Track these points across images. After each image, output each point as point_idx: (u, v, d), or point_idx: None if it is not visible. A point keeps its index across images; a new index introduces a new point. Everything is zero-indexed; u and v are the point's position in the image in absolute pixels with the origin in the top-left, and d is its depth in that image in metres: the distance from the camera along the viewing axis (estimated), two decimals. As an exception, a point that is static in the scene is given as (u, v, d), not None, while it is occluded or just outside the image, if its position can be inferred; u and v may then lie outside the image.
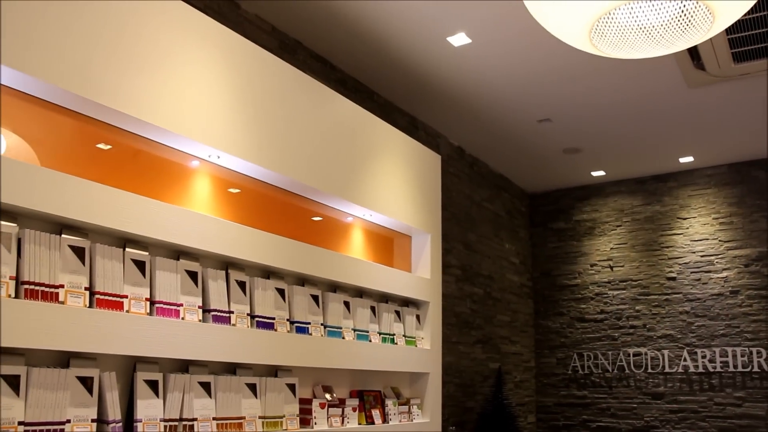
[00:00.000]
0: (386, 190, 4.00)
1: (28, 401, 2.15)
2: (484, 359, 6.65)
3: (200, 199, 3.03)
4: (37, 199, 2.21)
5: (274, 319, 3.10)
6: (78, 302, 2.32)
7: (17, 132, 2.37)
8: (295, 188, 3.44)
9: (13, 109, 2.37)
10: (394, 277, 3.99)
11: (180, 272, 2.71)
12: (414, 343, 4.12)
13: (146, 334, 2.46)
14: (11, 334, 2.08)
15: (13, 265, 2.18)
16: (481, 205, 6.93)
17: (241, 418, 2.86)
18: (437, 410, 4.29)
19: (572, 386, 7.69)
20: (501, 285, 7.21)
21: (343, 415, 3.46)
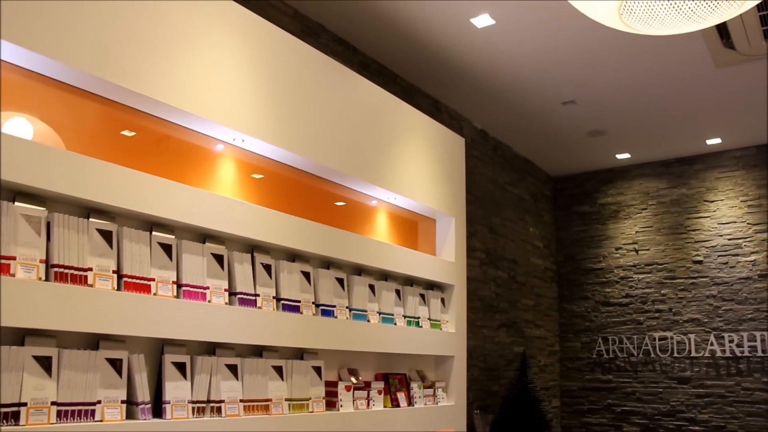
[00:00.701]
0: (410, 173, 3.98)
1: (60, 382, 2.18)
2: (509, 343, 6.63)
3: (225, 182, 3.03)
4: (65, 183, 2.23)
5: (300, 302, 3.11)
6: (106, 285, 2.34)
7: (43, 117, 2.39)
8: (319, 171, 3.43)
9: (39, 94, 2.39)
10: (419, 261, 3.98)
11: (206, 255, 2.72)
12: (439, 327, 4.12)
13: (173, 317, 2.48)
14: (42, 316, 2.10)
15: (43, 249, 2.20)
16: (504, 188, 6.89)
17: (267, 401, 2.88)
18: (462, 393, 4.29)
19: (597, 370, 7.65)
20: (525, 269, 7.17)
21: (368, 397, 3.47)
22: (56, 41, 2.23)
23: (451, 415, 4.12)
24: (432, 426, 3.95)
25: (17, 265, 2.12)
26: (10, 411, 2.04)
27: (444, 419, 4.05)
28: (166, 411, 2.47)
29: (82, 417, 2.21)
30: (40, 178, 2.16)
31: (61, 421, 2.15)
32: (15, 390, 2.07)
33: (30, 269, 2.14)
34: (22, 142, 2.15)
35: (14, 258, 2.12)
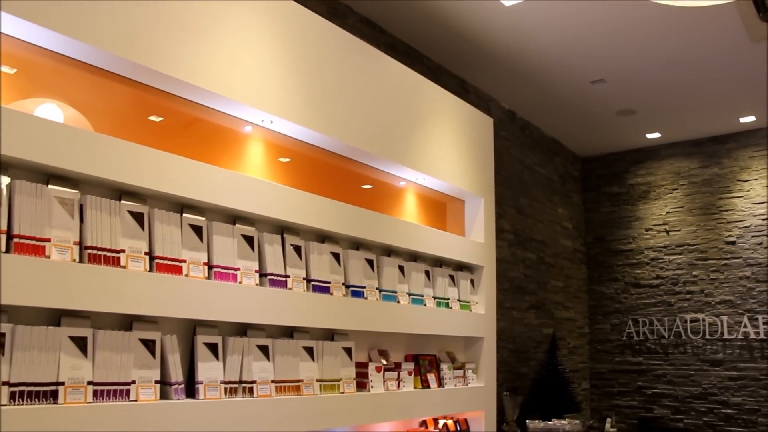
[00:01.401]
0: (439, 153, 3.96)
1: (95, 362, 2.20)
2: (538, 325, 6.60)
3: (254, 164, 3.03)
4: (97, 166, 2.24)
5: (330, 283, 3.11)
6: (138, 267, 2.35)
7: (72, 102, 2.40)
8: (347, 153, 3.42)
9: (68, 78, 2.40)
10: (448, 242, 3.96)
11: (236, 237, 2.73)
12: (468, 308, 4.10)
13: (205, 298, 2.49)
14: (77, 297, 2.12)
15: (77, 231, 2.22)
16: (533, 169, 6.83)
17: (299, 381, 2.89)
18: (492, 375, 4.27)
19: (627, 353, 7.59)
20: (554, 250, 7.12)
21: (398, 378, 3.47)
22: (84, 23, 2.24)
23: (481, 396, 4.11)
24: (462, 407, 3.95)
25: (52, 247, 2.14)
26: (49, 390, 2.07)
27: (474, 400, 4.05)
28: (199, 391, 2.49)
29: (117, 396, 2.24)
30: (72, 160, 2.18)
31: (97, 400, 2.18)
32: (52, 369, 2.09)
33: (64, 251, 2.16)
34: (55, 126, 2.16)
35: (49, 240, 2.13)
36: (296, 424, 2.81)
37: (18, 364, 2.02)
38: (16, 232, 2.06)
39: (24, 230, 2.08)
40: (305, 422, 2.85)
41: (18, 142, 2.05)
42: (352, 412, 3.09)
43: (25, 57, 2.27)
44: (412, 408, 3.51)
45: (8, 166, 2.12)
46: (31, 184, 2.14)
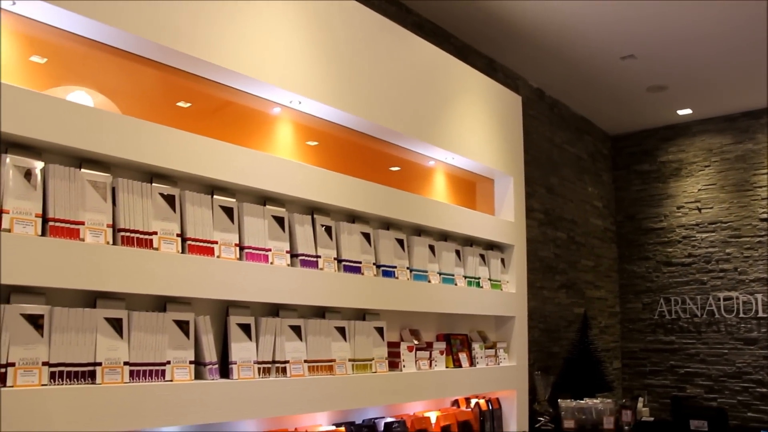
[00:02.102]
0: (467, 132, 3.93)
1: (131, 343, 2.23)
2: (569, 304, 6.56)
3: (283, 146, 3.03)
4: (128, 149, 2.25)
5: (361, 263, 3.11)
6: (171, 248, 2.37)
7: (100, 87, 2.41)
8: (376, 133, 3.41)
9: (96, 64, 2.41)
10: (478, 221, 3.94)
11: (267, 218, 2.73)
12: (499, 287, 4.08)
13: (237, 279, 2.50)
14: (111, 279, 2.14)
15: (109, 213, 2.24)
16: (562, 148, 6.76)
17: (331, 361, 2.90)
18: (524, 354, 4.25)
19: (659, 331, 7.52)
20: (584, 229, 7.05)
21: (430, 358, 3.47)
22: (111, 7, 2.24)
23: (513, 375, 4.10)
24: (494, 387, 3.94)
25: (86, 230, 2.16)
26: (87, 370, 2.10)
27: (506, 380, 4.04)
28: (233, 371, 2.51)
29: (153, 377, 2.26)
30: (104, 144, 2.19)
31: (133, 380, 2.20)
32: (90, 350, 2.12)
33: (98, 234, 2.18)
34: (87, 110, 2.18)
35: (83, 223, 2.15)
36: (329, 403, 2.82)
37: (56, 345, 2.05)
38: (51, 216, 2.09)
39: (59, 214, 2.10)
40: (338, 401, 2.86)
41: (51, 126, 2.06)
42: (384, 392, 3.10)
43: (55, 44, 2.29)
44: (444, 387, 3.51)
45: (42, 150, 2.14)
46: (65, 168, 2.16)
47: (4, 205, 1.99)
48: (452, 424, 3.59)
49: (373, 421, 3.19)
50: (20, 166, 2.05)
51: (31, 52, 2.24)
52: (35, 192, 2.07)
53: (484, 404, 3.91)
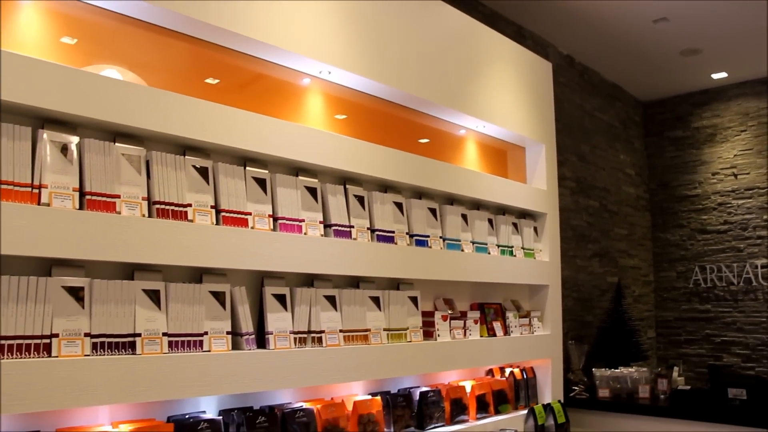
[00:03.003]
0: (498, 100, 3.88)
1: (169, 314, 2.25)
2: (602, 273, 6.50)
3: (313, 116, 3.02)
4: (161, 122, 2.26)
5: (394, 233, 3.10)
6: (205, 220, 2.38)
7: (130, 65, 2.41)
8: (406, 102, 3.38)
9: (125, 41, 2.42)
10: (511, 189, 3.91)
11: (300, 188, 2.74)
12: (533, 256, 4.05)
13: (271, 250, 2.51)
14: (148, 251, 2.16)
15: (144, 186, 2.25)
16: (593, 115, 6.66)
17: (366, 331, 2.91)
18: (558, 323, 4.24)
19: (694, 300, 7.42)
20: (617, 197, 6.96)
21: (465, 327, 3.46)
22: (143, -21, 2.24)
23: (547, 344, 4.09)
24: (528, 355, 3.94)
25: (122, 203, 2.18)
26: (127, 341, 2.13)
27: (540, 348, 4.02)
28: (269, 341, 2.53)
29: (191, 347, 2.29)
30: (137, 117, 2.21)
31: (172, 350, 2.23)
32: (129, 321, 2.15)
33: (133, 206, 2.20)
34: (120, 84, 2.19)
35: (118, 196, 2.17)
36: (364, 372, 2.84)
37: (97, 316, 2.08)
38: (87, 190, 2.11)
39: (95, 187, 2.13)
40: (373, 371, 2.88)
41: (85, 101, 2.08)
42: (419, 361, 3.11)
43: (85, 24, 2.30)
44: (479, 356, 3.51)
45: (77, 125, 2.16)
46: (100, 142, 2.18)
47: (42, 179, 2.01)
48: (487, 393, 3.60)
49: (408, 391, 3.20)
50: (57, 141, 2.07)
51: (62, 33, 2.25)
52: (72, 166, 2.09)
53: (518, 373, 3.91)
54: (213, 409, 2.52)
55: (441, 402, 3.27)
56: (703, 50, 6.34)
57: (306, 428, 2.60)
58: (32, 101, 1.98)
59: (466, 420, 3.42)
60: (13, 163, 1.97)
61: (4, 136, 1.96)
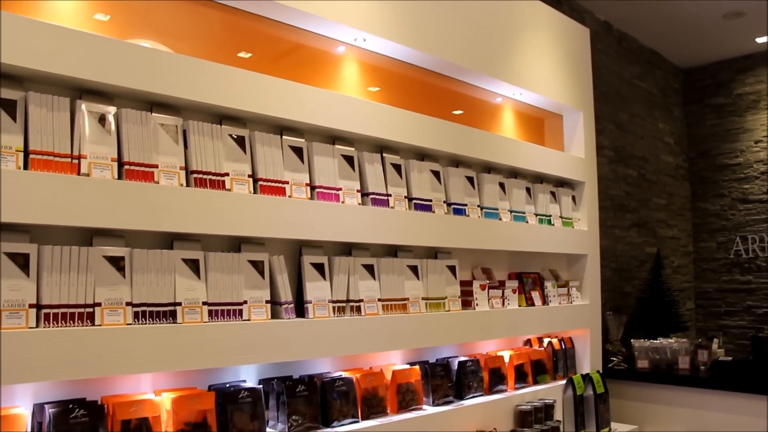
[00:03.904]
0: (535, 67, 3.81)
1: (208, 283, 2.26)
2: (640, 243, 6.40)
3: (348, 85, 2.99)
4: (197, 91, 2.25)
5: (431, 201, 3.07)
6: (243, 189, 2.37)
7: (163, 39, 2.40)
8: (443, 69, 3.33)
9: (155, 14, 2.41)
10: (548, 157, 3.84)
11: (336, 157, 2.71)
12: (571, 225, 3.99)
13: (309, 218, 2.50)
14: (187, 220, 2.16)
15: (182, 156, 2.25)
16: (631, 83, 6.51)
17: (404, 300, 2.90)
18: (596, 292, 4.18)
19: (735, 271, 7.28)
20: (656, 166, 6.83)
21: (503, 296, 3.43)
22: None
23: (586, 314, 4.04)
24: (567, 325, 3.90)
25: (160, 172, 2.18)
26: (168, 310, 2.14)
27: (579, 318, 3.98)
28: (308, 310, 2.53)
29: (230, 316, 2.29)
30: (173, 86, 2.20)
31: (212, 319, 2.24)
32: (169, 291, 2.16)
33: (171, 176, 2.20)
34: (156, 53, 2.18)
35: (156, 166, 2.17)
36: (403, 341, 2.83)
37: (138, 285, 2.09)
38: (126, 160, 2.11)
39: (133, 157, 2.13)
40: (412, 340, 2.87)
41: (121, 71, 2.08)
42: (457, 330, 3.09)
43: None
44: (517, 326, 3.48)
45: (114, 96, 2.16)
46: (137, 112, 2.17)
47: (81, 150, 2.02)
48: (525, 363, 3.57)
49: (446, 360, 3.19)
50: (94, 112, 2.08)
51: (95, 10, 2.24)
52: (110, 137, 2.09)
53: (557, 343, 3.87)
54: (253, 378, 2.53)
55: (479, 372, 3.25)
56: (747, 13, 6.14)
57: (345, 397, 2.61)
58: (70, 72, 1.98)
59: (505, 390, 3.40)
60: (53, 134, 1.97)
61: (44, 107, 1.97)
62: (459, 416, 3.01)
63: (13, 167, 1.86)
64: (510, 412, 3.32)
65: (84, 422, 1.95)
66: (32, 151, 1.92)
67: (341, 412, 2.58)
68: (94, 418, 1.98)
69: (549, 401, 3.47)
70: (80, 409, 1.96)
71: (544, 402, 3.44)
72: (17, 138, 1.90)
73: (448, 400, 3.06)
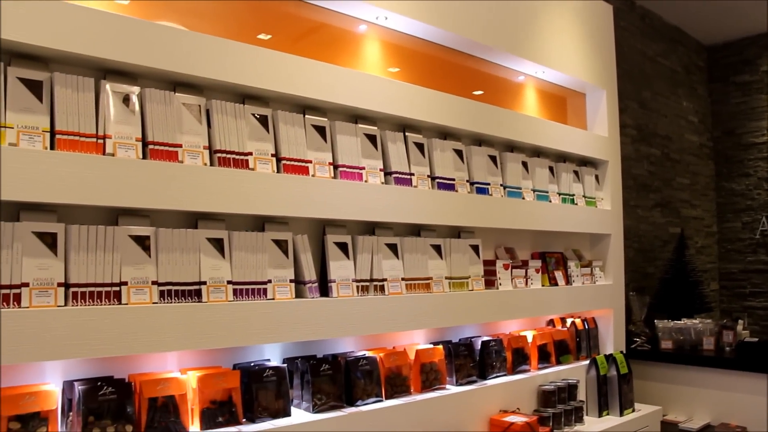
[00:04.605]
0: (558, 45, 3.76)
1: (233, 262, 2.27)
2: (664, 223, 6.34)
3: (369, 65, 2.97)
4: (220, 70, 2.25)
5: (454, 180, 3.06)
6: (266, 168, 2.37)
7: (183, 21, 2.39)
8: (464, 47, 3.31)
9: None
10: (571, 136, 3.80)
11: (359, 136, 2.70)
12: (594, 204, 3.96)
13: (332, 198, 2.50)
14: (211, 199, 2.17)
15: (205, 136, 2.25)
16: (655, 60, 6.42)
17: (428, 279, 2.89)
18: (620, 272, 4.15)
19: (760, 252, 7.19)
20: (679, 145, 6.74)
21: (526, 276, 3.42)
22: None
23: (609, 294, 4.02)
24: (590, 305, 3.87)
25: (184, 152, 2.18)
26: (193, 289, 2.15)
27: (602, 298, 3.96)
28: (332, 289, 2.53)
29: (255, 295, 2.30)
30: (196, 66, 2.20)
31: (237, 298, 2.25)
32: (194, 270, 2.17)
33: (195, 155, 2.20)
34: (178, 33, 2.18)
35: (180, 146, 2.18)
36: (427, 321, 2.83)
37: (163, 264, 2.10)
38: (150, 139, 2.11)
39: (157, 137, 2.13)
40: (435, 319, 2.87)
41: (144, 50, 2.08)
42: (481, 310, 3.08)
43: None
44: (541, 306, 3.47)
45: (137, 76, 2.16)
46: (160, 91, 2.18)
47: (106, 130, 2.02)
48: (548, 343, 3.56)
49: (469, 340, 3.19)
50: (118, 92, 2.08)
51: (117, -7, 2.24)
52: (134, 116, 2.09)
53: (580, 323, 3.86)
54: (276, 357, 2.54)
55: (502, 351, 3.25)
56: (774, -12, 6.03)
57: (369, 376, 2.61)
58: (94, 52, 1.98)
59: (528, 370, 3.39)
60: (78, 114, 1.98)
61: (69, 88, 1.97)
62: (482, 396, 3.01)
63: (40, 147, 1.88)
64: (533, 391, 3.31)
65: (112, 399, 1.97)
66: (58, 131, 1.93)
67: (365, 391, 2.59)
68: (122, 396, 2.00)
69: (572, 381, 3.46)
70: (108, 387, 1.98)
71: (567, 382, 3.43)
72: (44, 118, 1.92)
73: (472, 379, 3.06)
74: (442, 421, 2.78)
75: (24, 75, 1.91)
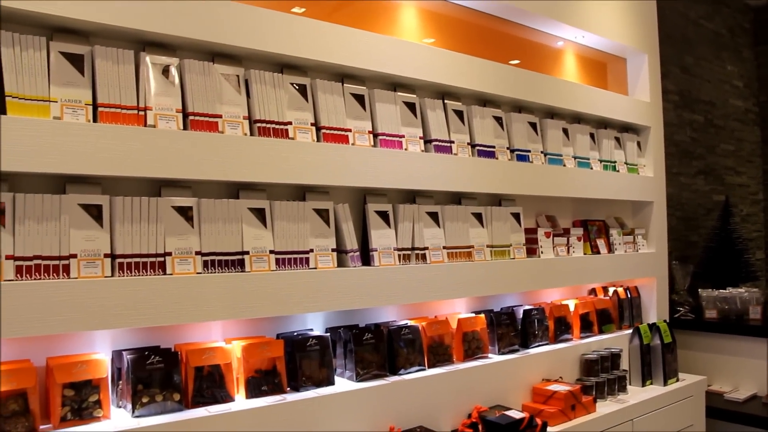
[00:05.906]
0: (598, 8, 3.67)
1: (275, 232, 2.27)
2: (707, 191, 6.21)
3: (406, 32, 2.94)
4: (258, 40, 2.24)
5: (495, 148, 3.02)
6: (306, 137, 2.36)
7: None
8: (503, 12, 3.25)
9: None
10: (612, 101, 3.73)
11: (398, 104, 2.68)
12: (636, 171, 3.89)
13: (373, 166, 2.49)
14: (252, 169, 2.17)
15: (245, 106, 2.25)
16: (697, 23, 6.24)
17: (469, 247, 2.87)
18: (663, 240, 4.08)
19: (807, 218, 7.01)
20: (723, 111, 6.57)
21: (568, 244, 3.38)
22: None
23: (652, 262, 3.95)
24: (633, 274, 3.82)
25: (224, 122, 2.18)
26: (236, 259, 2.16)
27: (645, 267, 3.90)
28: (374, 258, 2.53)
29: (298, 264, 2.31)
30: (235, 36, 2.19)
31: (279, 268, 2.26)
32: (237, 240, 2.18)
33: (235, 126, 2.20)
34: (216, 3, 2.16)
35: (220, 116, 2.18)
36: (469, 289, 2.81)
37: (206, 235, 2.12)
38: (190, 110, 2.12)
39: (197, 108, 2.13)
40: (477, 287, 2.85)
41: (183, 22, 2.07)
42: (523, 278, 3.05)
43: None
44: (583, 274, 3.42)
45: (176, 47, 2.16)
46: (199, 62, 2.18)
47: (147, 102, 2.03)
48: (591, 312, 3.53)
49: (511, 309, 3.17)
50: (158, 64, 2.09)
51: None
52: (174, 88, 2.10)
53: (622, 292, 3.81)
54: (319, 327, 2.56)
55: (545, 320, 3.22)
56: (823, -55, 5.80)
57: (412, 345, 2.62)
58: (133, 24, 1.98)
59: (570, 339, 3.37)
60: (119, 87, 1.99)
61: (109, 60, 1.98)
62: (525, 364, 3.00)
63: (83, 120, 1.89)
64: (576, 361, 3.28)
65: (160, 368, 2.00)
66: (100, 104, 1.95)
67: (408, 360, 2.59)
68: (169, 365, 2.03)
69: (615, 350, 3.43)
70: (156, 356, 2.01)
71: (610, 351, 3.40)
72: (86, 92, 1.93)
73: (514, 348, 3.04)
74: (484, 389, 2.78)
75: (66, 49, 1.93)
